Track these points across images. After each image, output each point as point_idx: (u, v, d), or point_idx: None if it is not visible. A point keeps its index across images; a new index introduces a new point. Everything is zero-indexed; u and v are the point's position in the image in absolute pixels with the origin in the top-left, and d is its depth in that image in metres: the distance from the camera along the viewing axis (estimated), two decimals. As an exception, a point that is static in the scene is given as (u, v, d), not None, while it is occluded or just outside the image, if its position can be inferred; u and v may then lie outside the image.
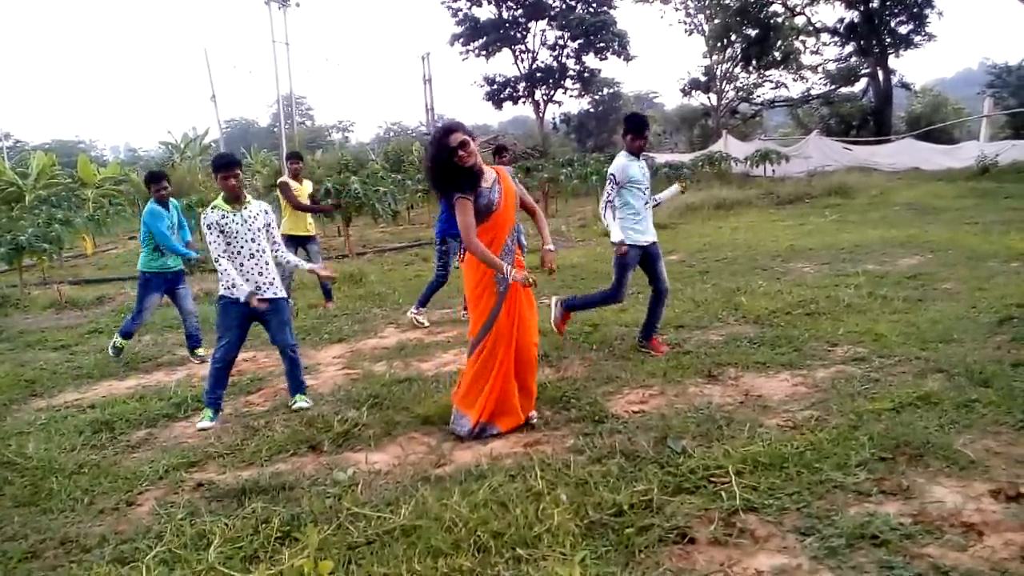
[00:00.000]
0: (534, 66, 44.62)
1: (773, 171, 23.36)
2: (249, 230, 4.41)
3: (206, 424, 4.39)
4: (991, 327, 5.11)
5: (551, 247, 4.11)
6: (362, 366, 5.52)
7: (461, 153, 3.73)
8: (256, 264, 4.43)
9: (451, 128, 3.78)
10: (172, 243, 6.04)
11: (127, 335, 6.30)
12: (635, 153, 5.21)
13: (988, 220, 10.65)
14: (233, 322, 4.44)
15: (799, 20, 33.70)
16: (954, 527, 2.62)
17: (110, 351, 6.27)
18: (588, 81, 45.59)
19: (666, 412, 3.98)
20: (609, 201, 5.16)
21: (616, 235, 5.11)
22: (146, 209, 6.05)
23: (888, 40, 30.68)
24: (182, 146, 35.26)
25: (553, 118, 47.82)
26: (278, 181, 8.27)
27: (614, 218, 5.16)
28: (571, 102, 53.00)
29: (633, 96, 55.33)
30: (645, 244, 5.23)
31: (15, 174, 25.47)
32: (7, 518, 3.31)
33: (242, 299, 4.30)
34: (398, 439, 3.98)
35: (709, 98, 39.22)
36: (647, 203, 5.28)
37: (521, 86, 45.27)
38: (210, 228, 4.34)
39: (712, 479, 3.10)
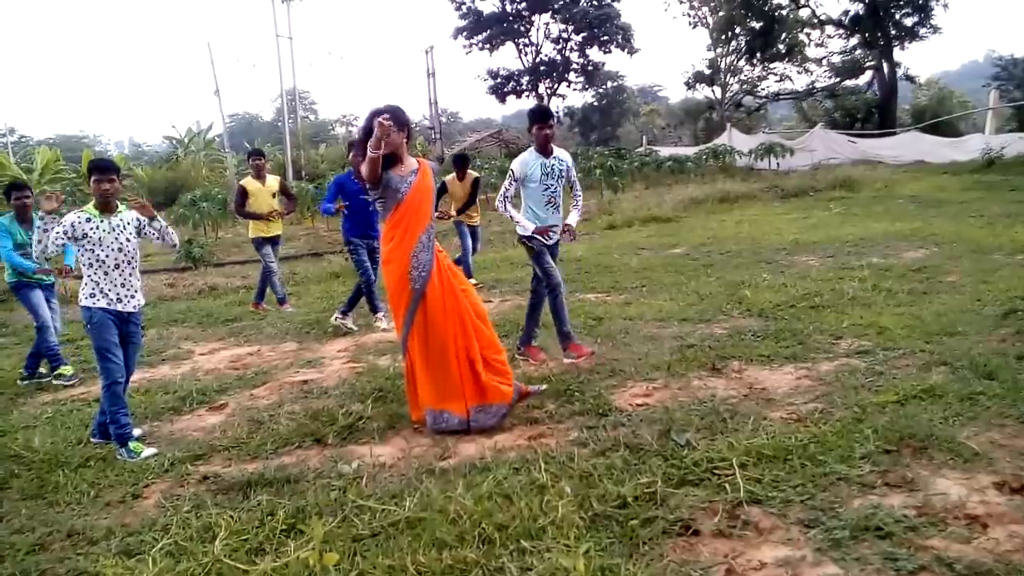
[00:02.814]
0: (538, 59, 44.51)
1: (777, 164, 23.36)
2: (116, 239, 4.08)
3: (136, 457, 3.89)
4: (996, 320, 5.09)
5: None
6: (366, 360, 5.53)
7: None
8: (120, 274, 4.11)
9: (383, 111, 3.87)
10: (15, 259, 5.48)
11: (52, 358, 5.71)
12: (541, 148, 4.83)
13: (993, 213, 10.60)
14: (114, 335, 4.05)
15: (804, 12, 33.59)
16: (958, 519, 2.62)
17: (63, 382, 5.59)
18: (592, 74, 45.48)
19: (670, 405, 3.98)
20: (505, 196, 4.87)
21: (523, 230, 4.86)
22: None
23: (893, 32, 30.53)
24: (186, 140, 35.33)
25: (557, 112, 47.75)
26: (238, 183, 7.78)
27: (514, 213, 4.87)
28: (575, 96, 52.98)
29: (637, 89, 55.28)
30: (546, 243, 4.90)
31: (20, 169, 25.55)
32: (14, 511, 3.34)
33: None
34: (402, 432, 3.99)
35: (713, 91, 39.16)
36: (549, 205, 4.89)
37: (525, 80, 45.18)
38: (64, 225, 4.00)
39: (716, 471, 3.10)
